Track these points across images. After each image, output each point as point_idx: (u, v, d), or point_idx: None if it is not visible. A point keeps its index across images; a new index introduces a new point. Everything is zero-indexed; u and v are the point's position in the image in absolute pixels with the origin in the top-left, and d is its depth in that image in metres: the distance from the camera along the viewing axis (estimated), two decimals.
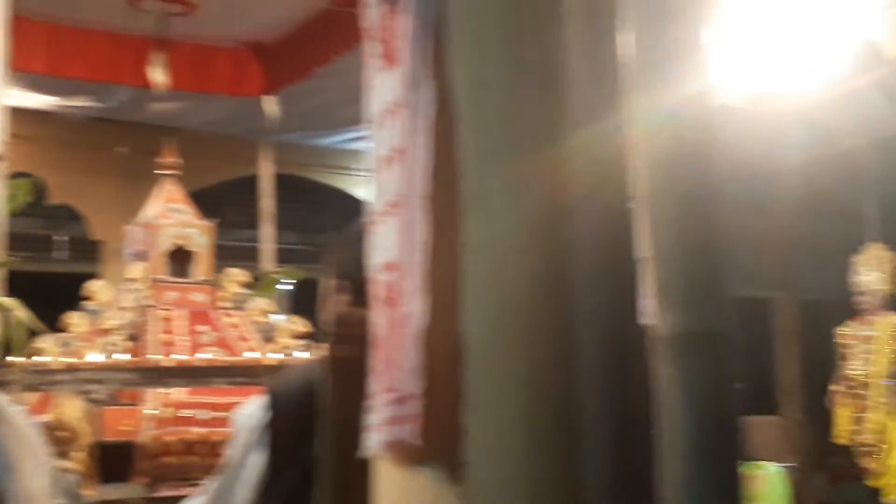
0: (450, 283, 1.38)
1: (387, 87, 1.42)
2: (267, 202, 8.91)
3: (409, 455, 1.40)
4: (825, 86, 7.63)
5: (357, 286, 1.66)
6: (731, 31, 7.69)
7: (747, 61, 7.85)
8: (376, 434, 1.43)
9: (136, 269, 6.46)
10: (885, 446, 7.30)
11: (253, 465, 1.85)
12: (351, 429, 1.54)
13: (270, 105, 8.34)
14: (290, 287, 10.98)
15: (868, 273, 7.55)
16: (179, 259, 6.64)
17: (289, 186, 9.97)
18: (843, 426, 7.73)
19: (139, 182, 7.87)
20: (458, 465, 1.36)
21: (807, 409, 9.61)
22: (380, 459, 1.47)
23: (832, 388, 7.88)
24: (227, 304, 6.64)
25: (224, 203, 14.06)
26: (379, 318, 1.46)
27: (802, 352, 12.93)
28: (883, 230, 9.40)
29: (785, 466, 6.15)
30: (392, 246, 1.42)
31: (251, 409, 1.92)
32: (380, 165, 1.45)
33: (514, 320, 1.38)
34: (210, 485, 2.00)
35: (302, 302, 9.13)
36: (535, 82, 1.31)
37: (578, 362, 1.35)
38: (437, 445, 1.37)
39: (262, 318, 6.61)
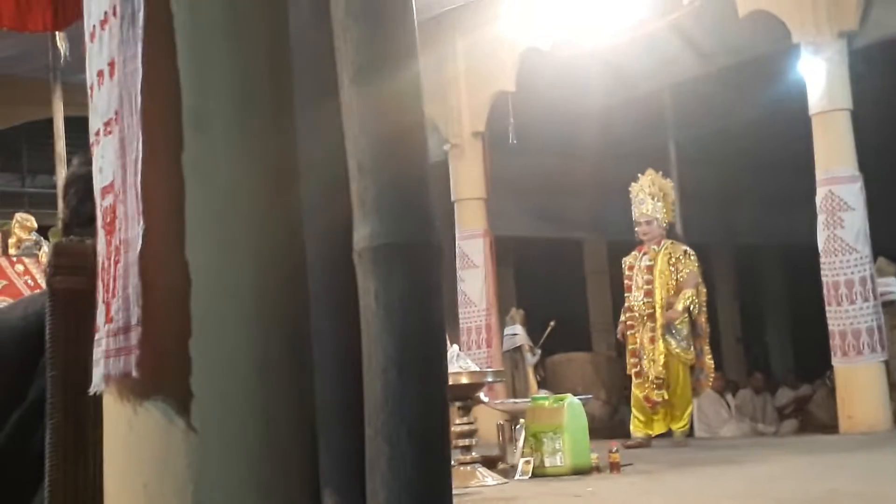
0: (172, 207, 1.30)
1: None
2: (61, 146, 8.46)
3: (133, 388, 1.32)
4: (625, 29, 7.83)
5: (86, 215, 1.57)
6: None
7: (550, 7, 7.97)
8: (99, 368, 1.35)
9: None
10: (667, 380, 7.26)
11: None
12: (79, 363, 1.45)
13: (61, 42, 7.88)
14: None
15: (647, 202, 7.32)
16: None
17: (86, 129, 9.51)
18: (629, 356, 7.59)
19: None
20: (186, 397, 1.29)
21: (616, 344, 9.93)
22: (106, 394, 1.39)
23: (623, 319, 7.55)
24: (16, 251, 6.30)
25: (22, 147, 13.30)
26: (100, 247, 1.37)
27: (613, 291, 13.36)
28: (679, 168, 9.76)
29: (583, 398, 6.30)
30: (109, 168, 1.33)
31: None
32: (96, 82, 1.35)
33: (241, 245, 1.32)
34: None
35: None
36: None
37: (307, 286, 1.31)
38: (162, 378, 1.30)
39: None
